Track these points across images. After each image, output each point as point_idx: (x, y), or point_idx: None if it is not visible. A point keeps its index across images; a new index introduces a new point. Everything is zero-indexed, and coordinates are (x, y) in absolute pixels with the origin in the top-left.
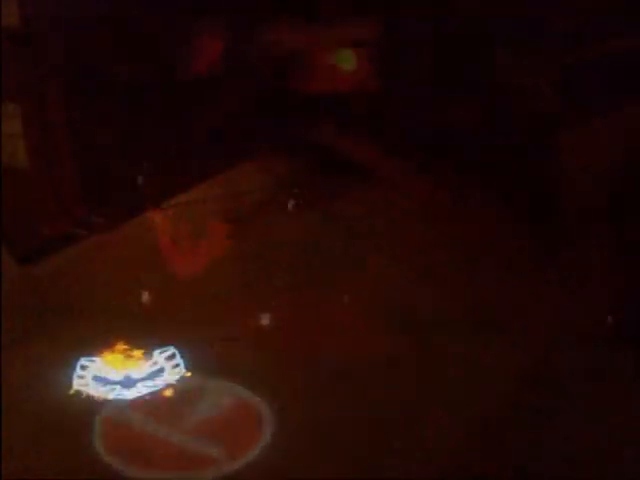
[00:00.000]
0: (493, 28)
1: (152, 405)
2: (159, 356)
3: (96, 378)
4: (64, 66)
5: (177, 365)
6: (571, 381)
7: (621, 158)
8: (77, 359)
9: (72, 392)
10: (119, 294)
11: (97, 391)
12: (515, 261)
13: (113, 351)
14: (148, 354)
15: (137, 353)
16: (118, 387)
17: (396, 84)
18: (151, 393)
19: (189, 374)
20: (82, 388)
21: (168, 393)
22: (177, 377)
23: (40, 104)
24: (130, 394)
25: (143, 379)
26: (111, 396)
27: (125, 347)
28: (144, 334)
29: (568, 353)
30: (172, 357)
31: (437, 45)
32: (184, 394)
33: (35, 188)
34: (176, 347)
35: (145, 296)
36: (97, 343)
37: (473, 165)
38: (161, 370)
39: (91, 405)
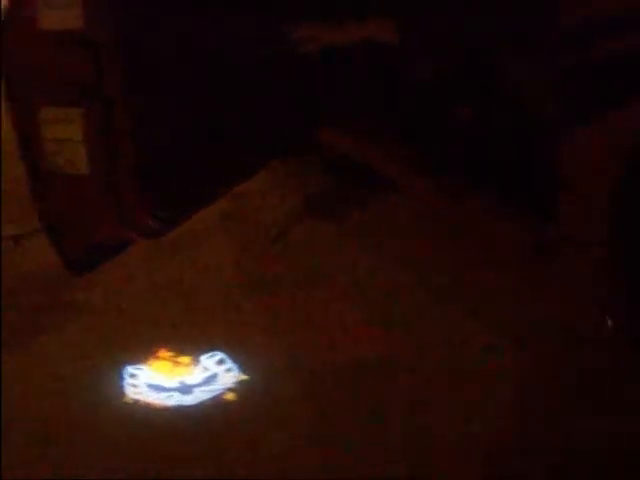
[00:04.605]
0: (494, 28)
1: None
2: (207, 361)
3: (150, 386)
4: (127, 69)
5: (230, 369)
6: (572, 382)
7: (621, 158)
8: (75, 358)
9: (127, 401)
10: (118, 294)
11: (154, 398)
12: (516, 262)
13: (158, 358)
14: (196, 360)
15: (184, 359)
16: (176, 394)
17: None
18: (213, 398)
19: (246, 377)
20: (137, 396)
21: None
22: (234, 381)
23: (103, 108)
24: (189, 400)
25: (199, 385)
26: (170, 403)
27: (170, 354)
28: (141, 334)
29: (568, 354)
30: (222, 362)
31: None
32: None
33: (94, 194)
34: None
35: (140, 295)
36: (95, 343)
37: (474, 166)
38: (214, 375)
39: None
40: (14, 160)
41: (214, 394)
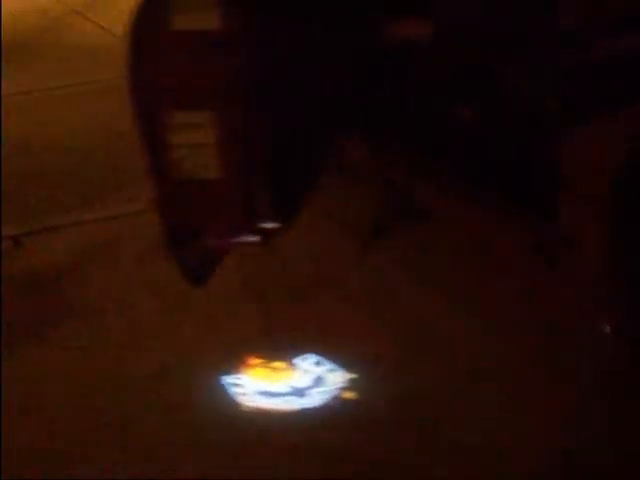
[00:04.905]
0: (493, 29)
1: None
2: (304, 364)
3: (262, 393)
4: (262, 70)
5: (333, 370)
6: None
7: (622, 158)
8: (75, 359)
9: (243, 409)
10: (118, 295)
11: (271, 404)
12: (516, 262)
13: (252, 366)
14: (291, 364)
15: (278, 365)
16: (292, 397)
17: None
18: (334, 398)
19: (354, 375)
20: (252, 404)
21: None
22: (343, 380)
23: (236, 111)
24: (308, 402)
25: (311, 387)
26: (295, 406)
27: (261, 361)
28: (142, 334)
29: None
30: (319, 363)
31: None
32: None
33: (225, 199)
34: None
35: (141, 295)
36: (94, 343)
37: (474, 166)
38: (320, 377)
39: None
40: (15, 160)
41: (330, 394)
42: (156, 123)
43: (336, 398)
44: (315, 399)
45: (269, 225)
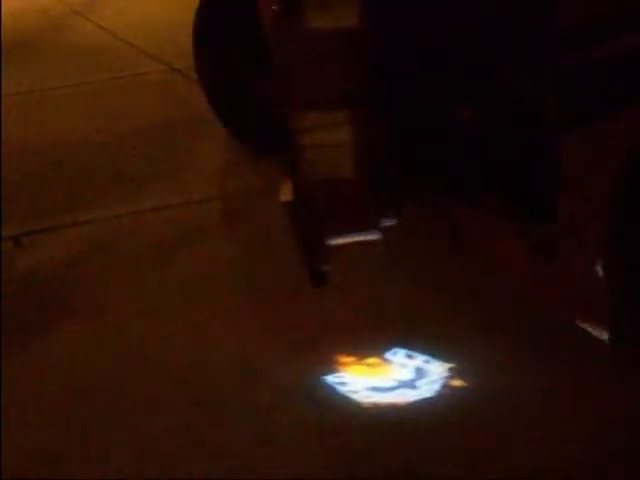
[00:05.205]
0: (492, 29)
1: None
2: (397, 358)
3: (372, 389)
4: (399, 68)
5: (427, 360)
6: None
7: (622, 158)
8: (76, 359)
9: (363, 406)
10: (119, 295)
11: (390, 397)
12: (516, 262)
13: (347, 364)
14: (383, 359)
15: (372, 360)
16: (406, 390)
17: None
18: (447, 387)
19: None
20: (369, 400)
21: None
22: (444, 369)
23: (372, 109)
24: (422, 393)
25: (416, 379)
26: (412, 398)
27: (354, 358)
28: (145, 335)
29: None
30: (411, 356)
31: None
32: None
33: (358, 199)
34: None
35: (141, 295)
36: (95, 344)
37: (473, 166)
38: (419, 368)
39: None
40: (15, 160)
41: (440, 383)
42: (291, 123)
43: (446, 387)
44: (426, 390)
45: (389, 222)
